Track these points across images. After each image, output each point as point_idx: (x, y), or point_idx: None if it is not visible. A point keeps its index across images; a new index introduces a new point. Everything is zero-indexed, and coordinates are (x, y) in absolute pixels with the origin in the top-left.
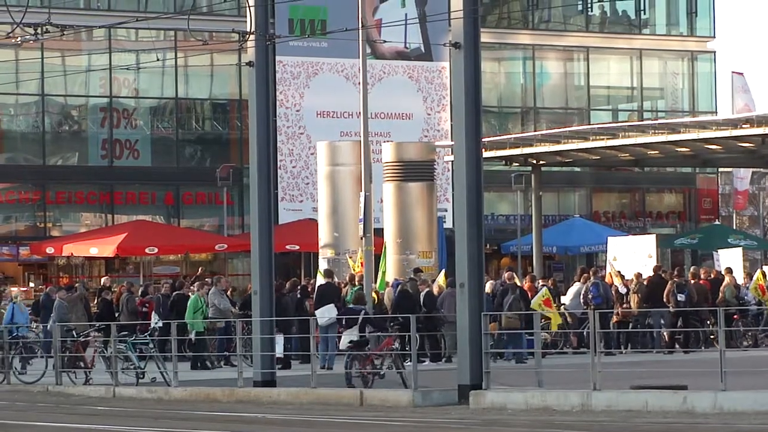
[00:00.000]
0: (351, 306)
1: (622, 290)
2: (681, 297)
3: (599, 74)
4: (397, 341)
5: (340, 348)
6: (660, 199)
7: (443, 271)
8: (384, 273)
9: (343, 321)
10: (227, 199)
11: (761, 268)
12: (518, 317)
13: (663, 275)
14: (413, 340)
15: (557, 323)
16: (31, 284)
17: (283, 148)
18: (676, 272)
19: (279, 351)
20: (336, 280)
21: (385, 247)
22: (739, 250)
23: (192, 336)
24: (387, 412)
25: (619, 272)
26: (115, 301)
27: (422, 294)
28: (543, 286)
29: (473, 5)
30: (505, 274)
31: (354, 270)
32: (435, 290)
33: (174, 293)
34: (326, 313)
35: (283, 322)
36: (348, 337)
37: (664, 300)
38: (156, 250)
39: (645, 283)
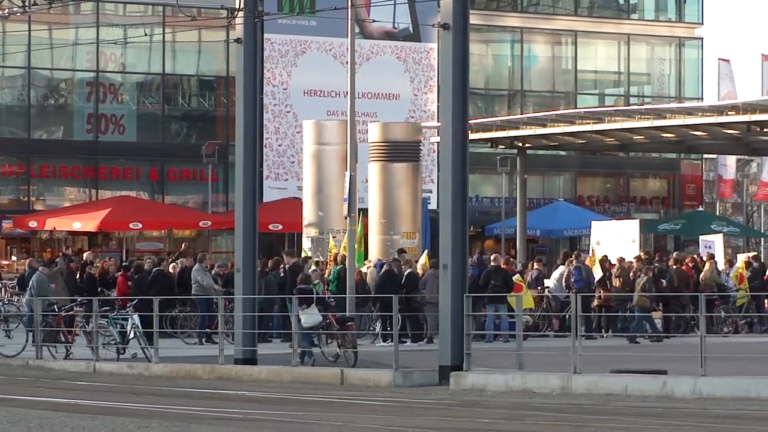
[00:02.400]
0: (301, 286)
1: (598, 275)
2: (663, 282)
3: (587, 58)
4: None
5: (303, 325)
6: (644, 184)
7: (426, 251)
8: (363, 251)
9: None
10: (212, 176)
11: (747, 256)
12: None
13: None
14: (395, 321)
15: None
16: (14, 258)
17: (270, 126)
18: (658, 257)
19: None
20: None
21: (365, 226)
22: (720, 236)
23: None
24: (367, 392)
25: (605, 256)
26: (98, 275)
27: (404, 274)
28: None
29: None
30: (492, 257)
31: (332, 251)
32: (419, 271)
33: (154, 269)
34: (311, 319)
35: (265, 301)
36: (310, 317)
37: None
38: (140, 225)
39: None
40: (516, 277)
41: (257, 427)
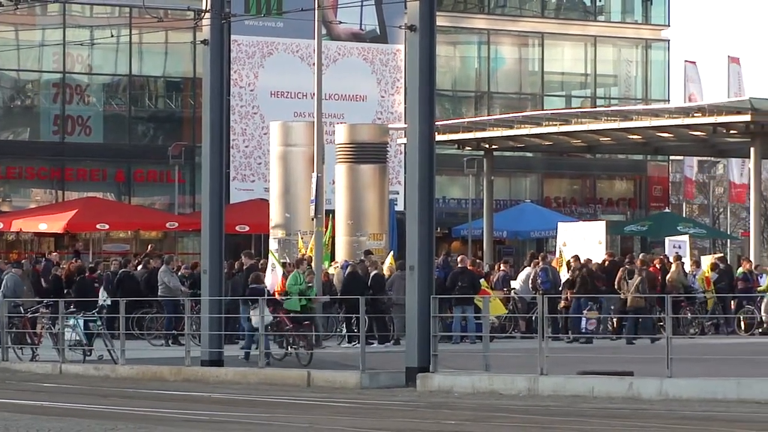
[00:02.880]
0: (253, 286)
1: (564, 277)
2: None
3: (553, 60)
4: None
5: (254, 324)
6: (611, 185)
7: (392, 253)
8: (330, 252)
9: (249, 301)
10: (179, 178)
11: (713, 258)
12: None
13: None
14: (362, 322)
15: (496, 313)
16: None
17: (237, 128)
18: (627, 259)
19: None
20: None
21: (332, 227)
22: (687, 237)
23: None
24: (334, 393)
25: (577, 256)
26: (64, 277)
27: (370, 276)
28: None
29: None
30: (459, 258)
31: (301, 251)
32: (385, 273)
33: (120, 271)
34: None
35: (232, 302)
36: (259, 317)
37: (615, 286)
38: (107, 226)
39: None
40: (482, 282)
41: (223, 428)
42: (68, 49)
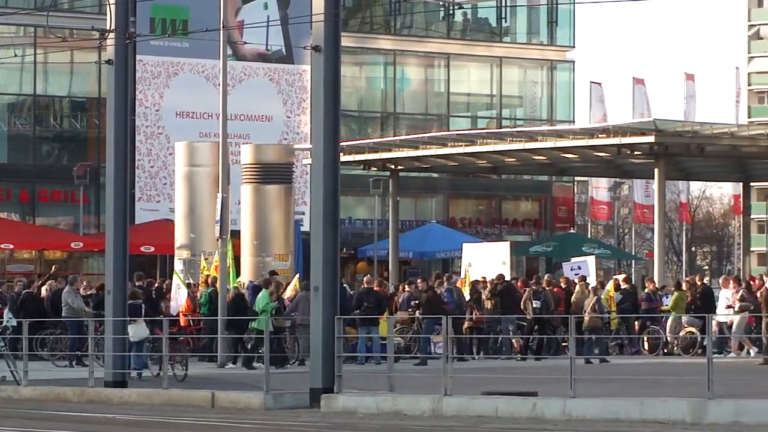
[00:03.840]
0: (130, 302)
1: (467, 297)
2: (537, 304)
3: (459, 81)
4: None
5: (131, 339)
6: (516, 206)
7: (298, 275)
8: (234, 272)
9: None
10: (84, 198)
11: (614, 278)
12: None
13: (516, 282)
14: (266, 343)
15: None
16: None
17: (142, 148)
18: (534, 280)
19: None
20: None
21: (231, 249)
22: (593, 258)
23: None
24: (238, 414)
25: (484, 278)
26: None
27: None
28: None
29: (335, 9)
30: (365, 279)
31: (203, 272)
32: (290, 293)
33: (24, 291)
34: (138, 332)
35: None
36: (138, 330)
37: (521, 307)
38: (11, 246)
39: (497, 289)
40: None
41: None
42: None
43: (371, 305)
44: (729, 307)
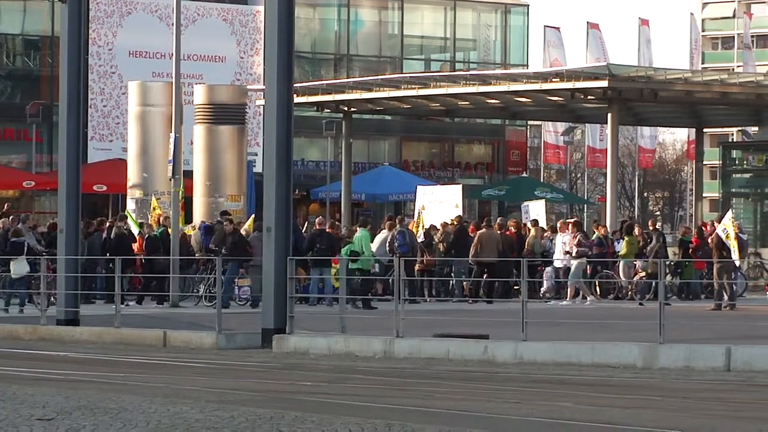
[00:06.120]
0: (13, 239)
1: (421, 239)
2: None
3: (413, 24)
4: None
5: (13, 276)
6: (469, 149)
7: (252, 216)
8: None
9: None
10: (36, 137)
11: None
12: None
13: (467, 225)
14: (218, 282)
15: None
16: None
17: (95, 87)
18: (484, 223)
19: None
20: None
21: (187, 188)
22: (543, 202)
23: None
24: (190, 354)
25: (434, 224)
26: None
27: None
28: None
29: None
30: (317, 220)
31: (152, 212)
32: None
33: None
34: (19, 269)
35: (88, 261)
36: (18, 266)
37: (472, 251)
38: None
39: (450, 232)
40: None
41: (78, 387)
42: None
43: (324, 247)
44: (567, 253)
